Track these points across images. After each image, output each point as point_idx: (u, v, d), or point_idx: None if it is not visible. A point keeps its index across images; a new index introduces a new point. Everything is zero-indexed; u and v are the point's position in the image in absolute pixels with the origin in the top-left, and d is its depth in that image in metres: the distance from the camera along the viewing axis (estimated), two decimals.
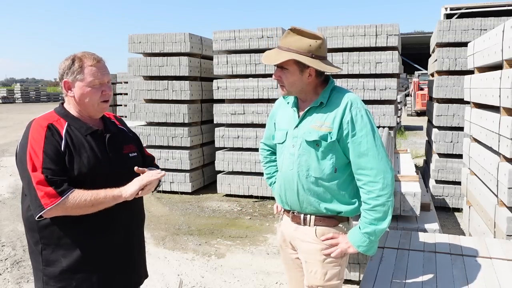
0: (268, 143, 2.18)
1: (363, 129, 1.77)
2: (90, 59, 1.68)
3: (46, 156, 1.56)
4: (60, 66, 1.70)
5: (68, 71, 1.67)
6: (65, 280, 1.65)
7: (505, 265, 2.37)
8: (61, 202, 1.53)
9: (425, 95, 17.50)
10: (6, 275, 3.81)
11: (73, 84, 1.67)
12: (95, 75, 1.68)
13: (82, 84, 1.67)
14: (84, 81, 1.66)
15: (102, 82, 1.70)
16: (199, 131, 6.85)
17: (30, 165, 1.55)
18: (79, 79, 1.66)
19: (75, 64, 1.66)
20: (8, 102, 37.26)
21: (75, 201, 1.55)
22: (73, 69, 1.66)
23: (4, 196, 6.50)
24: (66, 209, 1.56)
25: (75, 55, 1.70)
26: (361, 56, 5.68)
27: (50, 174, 1.54)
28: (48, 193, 1.52)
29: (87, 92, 1.68)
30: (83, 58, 1.68)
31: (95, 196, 1.58)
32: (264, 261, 4.11)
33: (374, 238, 1.79)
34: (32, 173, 1.54)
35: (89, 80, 1.67)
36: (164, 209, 5.88)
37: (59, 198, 1.53)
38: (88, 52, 1.72)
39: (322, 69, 1.78)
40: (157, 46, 6.55)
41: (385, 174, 1.76)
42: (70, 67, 1.67)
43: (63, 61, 1.70)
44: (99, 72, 1.69)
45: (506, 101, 2.96)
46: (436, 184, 5.67)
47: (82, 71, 1.66)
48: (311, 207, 1.88)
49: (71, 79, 1.67)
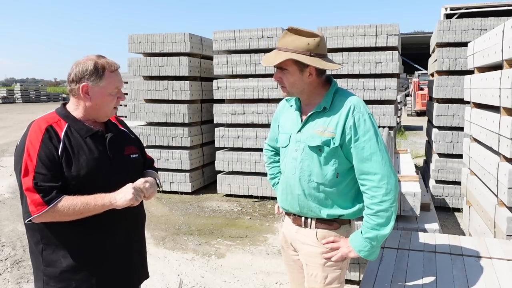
0: (272, 144, 2.17)
1: (366, 133, 1.74)
2: (111, 66, 1.69)
3: (40, 160, 1.56)
4: (78, 67, 1.66)
5: (89, 75, 1.65)
6: (65, 280, 1.65)
7: (505, 265, 2.37)
8: (48, 210, 1.53)
9: (425, 95, 17.50)
10: (6, 275, 3.81)
11: (92, 89, 1.66)
12: (115, 82, 1.70)
13: (103, 90, 1.67)
14: (104, 88, 1.67)
15: (119, 89, 1.73)
16: (199, 131, 6.85)
17: (23, 169, 1.55)
18: (100, 85, 1.66)
19: (98, 70, 1.65)
20: (8, 102, 37.26)
21: (63, 209, 1.55)
22: (95, 74, 1.65)
23: (4, 196, 6.50)
24: (54, 217, 1.56)
25: (95, 60, 1.67)
26: (361, 56, 5.68)
27: (40, 180, 1.54)
28: (35, 201, 1.53)
29: (106, 99, 1.69)
30: (105, 64, 1.67)
31: (84, 205, 1.58)
32: (264, 261, 4.11)
33: (375, 244, 1.77)
34: (23, 178, 1.55)
35: (110, 87, 1.68)
36: (164, 209, 5.88)
37: (46, 207, 1.53)
38: (105, 57, 1.72)
39: (321, 66, 1.76)
40: (157, 46, 6.55)
41: (389, 179, 1.73)
42: (92, 72, 1.65)
43: (83, 63, 1.67)
44: (118, 80, 1.71)
45: (506, 101, 2.96)
46: (436, 184, 5.67)
47: (103, 77, 1.66)
48: (312, 212, 1.87)
49: (91, 84, 1.66)
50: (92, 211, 1.60)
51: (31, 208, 1.53)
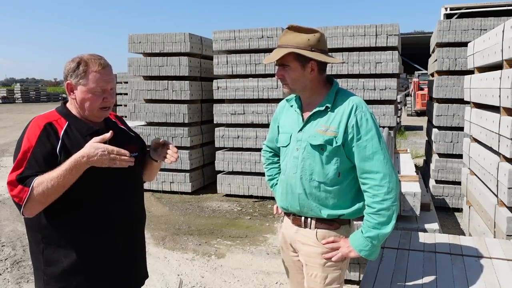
0: (270, 145, 2.16)
1: (368, 133, 1.75)
2: (96, 64, 1.65)
3: (33, 157, 1.55)
4: (65, 66, 1.68)
5: (72, 74, 1.64)
6: (66, 280, 1.65)
7: (505, 265, 2.37)
8: (30, 194, 1.50)
9: (425, 95, 17.50)
10: (6, 275, 3.81)
11: (75, 87, 1.65)
12: (98, 82, 1.65)
13: (84, 89, 1.64)
14: (86, 86, 1.64)
15: (105, 89, 1.67)
16: (199, 131, 6.85)
17: (16, 163, 1.55)
18: (82, 83, 1.64)
19: (80, 68, 1.63)
20: (8, 102, 37.25)
21: (41, 184, 1.50)
22: (77, 73, 1.63)
23: (4, 196, 6.50)
24: (39, 198, 1.51)
25: (82, 58, 1.66)
26: (361, 56, 5.68)
27: (26, 174, 1.53)
28: (17, 191, 1.51)
29: (88, 98, 1.65)
30: (89, 62, 1.64)
31: (59, 171, 1.51)
32: (264, 261, 4.11)
33: (376, 243, 1.77)
34: (10, 174, 1.54)
35: (92, 86, 1.64)
36: (164, 209, 5.88)
37: (27, 189, 1.50)
38: (96, 56, 1.69)
39: (322, 59, 1.77)
40: (157, 46, 6.55)
41: (391, 178, 1.74)
42: (75, 70, 1.64)
43: (69, 62, 1.67)
44: (102, 79, 1.66)
45: (506, 101, 2.96)
46: (436, 184, 5.67)
47: (86, 76, 1.64)
48: (312, 212, 1.87)
49: (74, 82, 1.65)
50: (66, 172, 1.52)
51: (17, 199, 1.51)
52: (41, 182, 1.51)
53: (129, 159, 1.58)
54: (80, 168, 1.54)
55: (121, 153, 1.55)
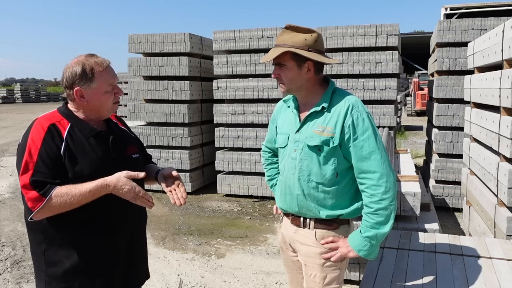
0: (269, 146, 2.16)
1: (364, 132, 1.75)
2: (100, 65, 1.66)
3: (40, 158, 1.55)
4: (67, 72, 1.66)
5: (79, 80, 1.64)
6: (68, 280, 1.65)
7: (505, 265, 2.37)
8: (46, 203, 1.52)
9: (425, 95, 17.50)
10: (6, 275, 3.81)
11: (86, 92, 1.65)
12: (108, 80, 1.68)
13: (97, 91, 1.66)
14: (98, 88, 1.66)
15: (114, 85, 1.71)
16: (199, 131, 6.85)
17: (23, 166, 1.55)
18: (93, 86, 1.65)
19: (87, 72, 1.63)
20: (8, 102, 37.26)
21: (59, 196, 1.52)
22: (85, 77, 1.63)
23: (4, 196, 6.50)
24: (52, 209, 1.54)
25: (83, 62, 1.65)
26: (361, 56, 5.68)
27: (38, 177, 1.53)
28: (32, 197, 1.52)
29: (102, 98, 1.68)
30: (93, 65, 1.65)
31: (79, 189, 1.55)
32: (264, 261, 4.11)
33: (375, 242, 1.77)
34: (21, 176, 1.55)
35: (104, 86, 1.67)
36: (164, 209, 5.88)
37: (43, 199, 1.52)
38: (93, 56, 1.69)
39: (319, 59, 1.77)
40: (157, 46, 6.56)
41: (388, 178, 1.74)
42: (82, 75, 1.63)
43: (71, 67, 1.65)
44: (110, 77, 1.69)
45: (506, 101, 2.96)
46: (436, 184, 5.68)
47: (94, 78, 1.64)
48: (311, 213, 1.87)
49: (84, 88, 1.65)
50: (87, 194, 1.56)
51: (30, 204, 1.53)
52: (60, 195, 1.53)
53: (150, 203, 1.66)
54: (102, 193, 1.60)
55: (146, 196, 1.64)
